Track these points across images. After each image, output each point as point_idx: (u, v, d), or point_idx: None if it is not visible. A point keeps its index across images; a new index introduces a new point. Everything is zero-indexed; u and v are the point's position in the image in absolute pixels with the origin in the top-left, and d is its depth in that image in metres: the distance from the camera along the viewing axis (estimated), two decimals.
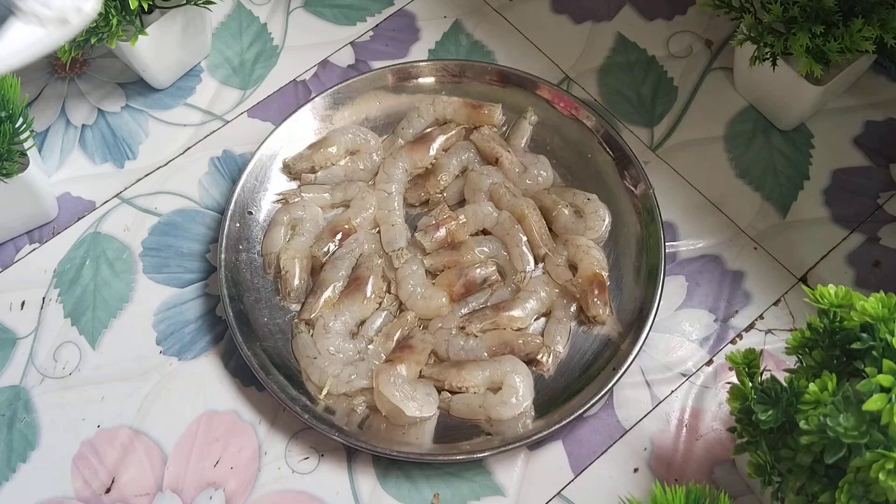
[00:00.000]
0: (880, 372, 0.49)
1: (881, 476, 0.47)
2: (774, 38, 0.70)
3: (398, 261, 0.74)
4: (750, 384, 0.57)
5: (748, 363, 0.58)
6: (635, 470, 0.68)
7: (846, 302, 0.54)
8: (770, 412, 0.54)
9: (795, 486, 0.54)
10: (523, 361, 0.70)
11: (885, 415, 0.47)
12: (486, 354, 0.70)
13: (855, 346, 0.52)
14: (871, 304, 0.52)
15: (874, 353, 0.51)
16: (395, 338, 0.72)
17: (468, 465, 0.68)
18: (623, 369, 0.68)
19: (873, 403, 0.47)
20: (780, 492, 0.55)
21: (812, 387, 0.51)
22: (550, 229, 0.76)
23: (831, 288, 0.55)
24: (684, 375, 0.71)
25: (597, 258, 0.73)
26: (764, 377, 0.57)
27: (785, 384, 0.55)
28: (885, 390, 0.48)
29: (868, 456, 0.48)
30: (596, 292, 0.71)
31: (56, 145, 0.83)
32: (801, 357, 0.57)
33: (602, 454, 0.69)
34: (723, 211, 0.78)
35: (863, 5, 0.68)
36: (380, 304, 0.74)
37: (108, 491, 0.68)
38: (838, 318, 0.54)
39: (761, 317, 0.73)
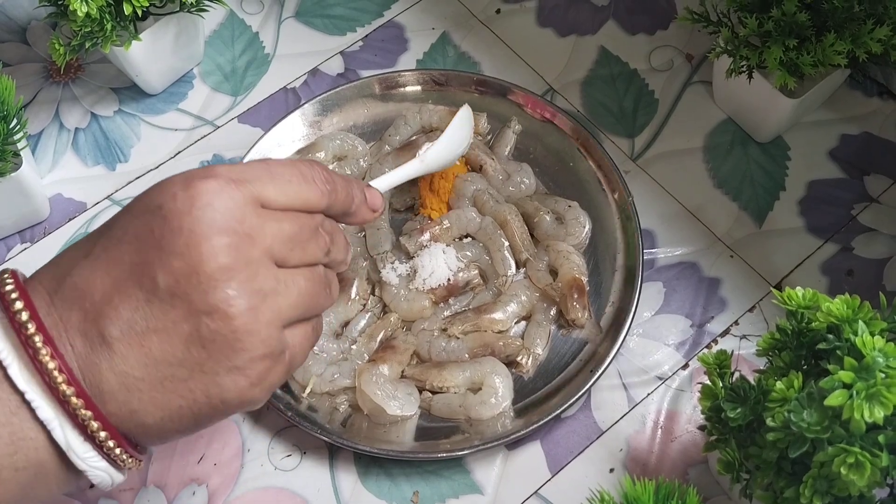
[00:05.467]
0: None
1: (843, 470, 0.49)
2: (750, 51, 0.72)
3: (382, 264, 0.76)
4: (720, 384, 0.58)
5: (719, 364, 0.60)
6: (611, 470, 0.69)
7: (813, 304, 0.56)
8: (739, 410, 0.56)
9: (763, 482, 0.55)
10: (503, 363, 0.71)
11: (846, 410, 0.49)
12: (467, 356, 0.72)
13: (821, 346, 0.54)
14: (836, 305, 0.54)
15: (839, 352, 0.53)
16: (379, 338, 0.73)
17: (447, 463, 0.70)
18: (600, 372, 0.70)
19: (834, 399, 0.49)
20: (748, 488, 0.57)
21: (779, 385, 0.53)
22: (532, 235, 0.77)
23: (799, 290, 0.57)
24: (660, 379, 0.73)
25: (577, 263, 0.74)
26: (735, 378, 0.59)
27: (754, 384, 0.56)
28: (847, 386, 0.49)
29: (830, 450, 0.50)
30: (575, 296, 0.73)
31: (49, 147, 0.84)
32: (770, 358, 0.59)
33: (579, 454, 0.70)
34: (700, 220, 0.79)
35: (835, 21, 0.70)
36: (364, 305, 0.75)
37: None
38: (806, 320, 0.56)
39: (736, 323, 0.75)
